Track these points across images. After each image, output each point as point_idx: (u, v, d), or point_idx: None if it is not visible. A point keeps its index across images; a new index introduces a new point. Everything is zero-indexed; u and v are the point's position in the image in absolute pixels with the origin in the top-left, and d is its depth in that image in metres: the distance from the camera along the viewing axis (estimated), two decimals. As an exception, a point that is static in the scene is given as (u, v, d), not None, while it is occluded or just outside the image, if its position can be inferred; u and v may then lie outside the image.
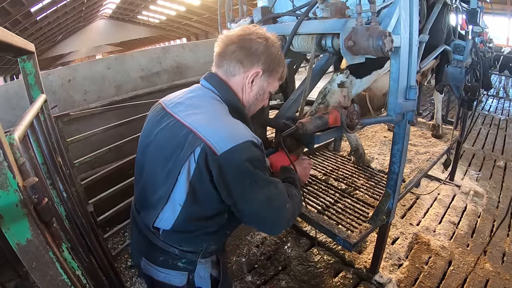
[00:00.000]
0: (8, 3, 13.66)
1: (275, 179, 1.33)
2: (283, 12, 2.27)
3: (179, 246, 1.37)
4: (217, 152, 1.16)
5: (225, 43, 1.38)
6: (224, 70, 1.40)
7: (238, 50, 1.35)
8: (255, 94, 1.44)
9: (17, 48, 1.50)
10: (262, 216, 1.29)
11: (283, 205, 1.31)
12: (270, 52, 1.38)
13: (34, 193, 0.86)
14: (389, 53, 1.49)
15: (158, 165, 1.32)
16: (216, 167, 1.17)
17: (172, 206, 1.29)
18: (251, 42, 1.35)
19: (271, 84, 1.47)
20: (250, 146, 1.21)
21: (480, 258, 3.01)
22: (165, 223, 1.32)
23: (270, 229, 1.43)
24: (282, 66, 1.46)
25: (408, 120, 2.02)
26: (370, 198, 2.74)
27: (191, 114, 1.29)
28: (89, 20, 31.92)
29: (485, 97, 9.60)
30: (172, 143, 1.26)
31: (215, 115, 1.29)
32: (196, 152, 1.19)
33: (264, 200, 1.25)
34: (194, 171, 1.21)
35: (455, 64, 3.16)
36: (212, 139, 1.18)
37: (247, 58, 1.35)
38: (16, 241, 0.84)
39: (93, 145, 3.25)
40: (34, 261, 0.89)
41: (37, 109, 1.66)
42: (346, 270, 2.90)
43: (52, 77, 3.83)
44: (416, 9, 1.85)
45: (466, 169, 4.90)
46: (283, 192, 1.33)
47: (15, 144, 0.96)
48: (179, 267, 1.40)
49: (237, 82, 1.41)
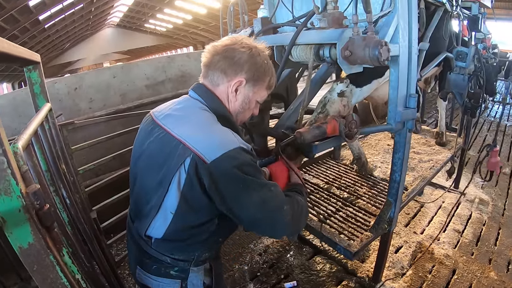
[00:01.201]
0: (16, 11, 13.83)
1: (269, 182, 1.33)
2: (283, 22, 2.29)
3: (170, 255, 1.39)
4: (207, 161, 1.17)
5: (211, 54, 1.40)
6: (209, 80, 1.42)
7: (222, 60, 1.37)
8: (241, 103, 1.45)
9: (23, 59, 1.54)
10: (259, 218, 1.28)
11: (279, 207, 1.31)
12: (255, 61, 1.38)
13: (36, 199, 0.90)
14: (386, 62, 1.49)
15: (150, 175, 1.34)
16: (207, 176, 1.18)
17: (164, 215, 1.31)
18: (234, 51, 1.36)
19: (257, 93, 1.47)
20: (239, 152, 1.22)
21: (485, 266, 2.98)
22: (157, 231, 1.34)
23: (270, 231, 1.41)
24: (268, 75, 1.46)
25: (408, 128, 2.02)
26: (372, 207, 2.73)
27: (179, 125, 1.31)
28: (97, 28, 32.25)
29: (491, 103, 9.52)
30: (163, 154, 1.28)
31: (203, 125, 1.30)
32: (186, 162, 1.20)
33: (258, 203, 1.25)
34: (184, 181, 1.22)
35: (457, 71, 3.16)
36: (201, 148, 1.19)
37: (230, 68, 1.36)
38: (18, 245, 0.88)
39: (97, 153, 3.29)
40: (35, 264, 0.92)
41: (42, 118, 1.69)
42: (348, 279, 2.88)
43: (59, 85, 3.89)
44: (415, 18, 1.86)
45: (471, 177, 4.85)
46: (278, 194, 1.33)
47: (19, 153, 1.01)
48: (172, 275, 1.41)
49: (222, 92, 1.42)
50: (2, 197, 0.83)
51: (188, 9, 26.32)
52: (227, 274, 3.01)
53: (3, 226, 0.85)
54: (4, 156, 0.82)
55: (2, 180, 0.83)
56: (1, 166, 0.82)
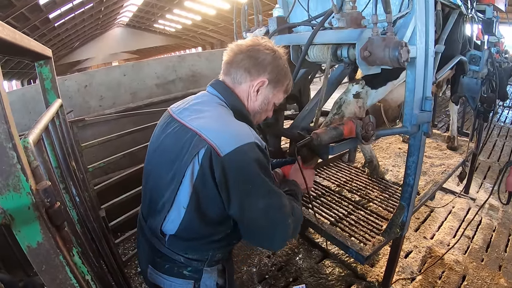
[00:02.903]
0: (27, 9, 13.95)
1: (279, 190, 1.31)
2: (298, 22, 2.27)
3: (184, 254, 1.38)
4: (221, 153, 1.17)
5: (234, 52, 1.41)
6: (231, 78, 1.43)
7: (246, 59, 1.38)
8: (260, 104, 1.47)
9: (34, 53, 1.53)
10: (261, 226, 1.26)
11: (284, 219, 1.28)
12: (277, 63, 1.41)
13: (47, 197, 0.87)
14: (405, 63, 1.48)
15: (163, 169, 1.34)
16: (219, 168, 1.18)
17: (177, 209, 1.30)
18: (259, 52, 1.38)
19: (276, 96, 1.50)
20: (254, 148, 1.22)
21: (495, 273, 2.94)
22: (171, 226, 1.33)
23: (268, 242, 1.36)
24: (288, 79, 1.49)
25: (423, 131, 1.99)
26: (384, 211, 2.69)
27: (196, 118, 1.31)
28: (106, 28, 32.43)
29: (501, 108, 9.42)
30: (177, 147, 1.28)
31: (219, 118, 1.31)
32: (200, 153, 1.20)
33: (264, 209, 1.23)
34: (197, 173, 1.22)
35: (470, 74, 3.12)
36: (216, 140, 1.19)
37: (254, 67, 1.38)
38: (26, 244, 0.85)
39: (107, 151, 3.29)
40: (44, 264, 0.90)
41: (53, 113, 1.68)
42: (358, 283, 2.86)
43: (69, 82, 3.91)
44: (432, 19, 1.84)
45: (481, 182, 4.81)
46: (286, 205, 1.31)
47: (29, 148, 0.97)
48: (185, 275, 1.40)
49: (243, 90, 1.43)
50: (11, 193, 0.80)
51: (197, 10, 26.38)
52: (236, 276, 2.98)
53: (11, 224, 0.81)
54: (14, 151, 0.79)
55: (12, 176, 0.79)
56: (11, 161, 0.79)
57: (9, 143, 0.78)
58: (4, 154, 0.78)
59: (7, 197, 0.80)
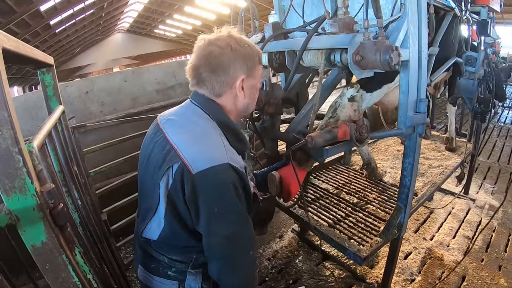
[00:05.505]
0: (28, 15, 14.01)
1: (246, 216, 1.30)
2: (293, 28, 2.31)
3: (168, 255, 1.39)
4: (192, 171, 1.17)
5: (197, 68, 1.36)
6: (209, 90, 1.37)
7: (212, 74, 1.32)
8: (249, 94, 1.41)
9: (37, 61, 1.57)
10: (222, 253, 1.26)
11: (246, 249, 1.29)
12: (239, 53, 1.32)
13: (50, 198, 0.92)
14: (396, 67, 1.50)
15: (148, 178, 1.36)
16: (189, 185, 1.18)
17: (158, 218, 1.32)
18: (217, 58, 1.30)
19: (257, 76, 1.42)
20: (227, 169, 1.20)
21: (495, 273, 2.96)
22: (152, 233, 1.37)
23: (226, 271, 1.30)
24: (256, 56, 1.39)
25: (418, 133, 2.02)
26: (382, 212, 2.71)
27: (176, 131, 1.32)
28: (107, 34, 32.60)
29: (500, 108, 9.41)
30: (160, 157, 1.29)
31: (198, 135, 1.29)
32: (174, 168, 1.21)
33: (228, 236, 1.23)
34: (171, 186, 1.23)
35: (467, 76, 3.15)
36: (189, 157, 1.19)
37: (225, 75, 1.32)
38: (31, 243, 0.90)
39: (108, 156, 3.31)
40: (48, 263, 0.94)
41: (55, 119, 1.71)
42: (357, 284, 2.88)
43: (70, 88, 3.94)
44: (425, 22, 1.87)
45: (481, 182, 4.82)
46: (251, 235, 1.31)
47: (34, 152, 1.01)
48: (170, 275, 1.41)
49: (226, 99, 1.38)
50: (17, 195, 0.85)
51: (197, 15, 26.48)
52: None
53: (17, 225, 0.86)
54: (20, 155, 0.84)
55: (18, 179, 0.84)
56: (17, 164, 0.84)
57: (15, 148, 0.83)
58: (11, 158, 0.83)
59: (13, 199, 0.85)
